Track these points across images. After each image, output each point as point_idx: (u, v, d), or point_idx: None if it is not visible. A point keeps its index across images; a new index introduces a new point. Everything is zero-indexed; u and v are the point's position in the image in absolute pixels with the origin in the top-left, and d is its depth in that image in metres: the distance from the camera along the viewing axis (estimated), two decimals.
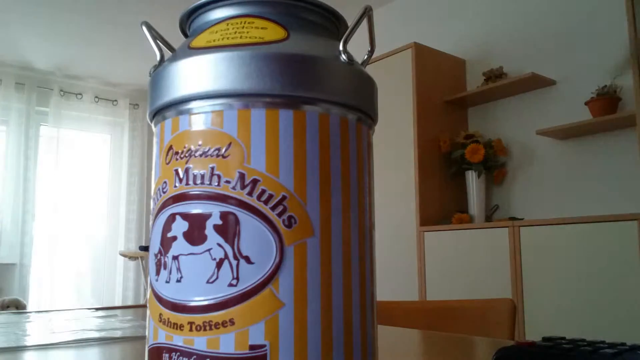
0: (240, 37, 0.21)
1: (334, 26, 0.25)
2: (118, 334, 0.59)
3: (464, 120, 2.93)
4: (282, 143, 0.20)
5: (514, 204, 2.73)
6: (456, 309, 0.93)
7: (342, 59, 0.22)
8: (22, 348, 0.52)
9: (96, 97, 4.25)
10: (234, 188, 0.20)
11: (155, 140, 0.23)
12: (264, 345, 0.19)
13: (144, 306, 1.16)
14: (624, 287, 1.91)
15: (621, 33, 2.07)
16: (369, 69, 2.63)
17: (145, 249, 3.91)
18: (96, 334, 0.58)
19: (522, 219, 2.39)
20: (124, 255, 4.10)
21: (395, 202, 2.67)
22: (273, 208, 0.20)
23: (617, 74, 2.08)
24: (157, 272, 0.22)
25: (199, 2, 0.24)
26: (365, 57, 0.25)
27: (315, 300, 0.20)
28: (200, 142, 0.21)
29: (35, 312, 0.89)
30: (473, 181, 2.67)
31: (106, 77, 4.16)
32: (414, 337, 0.67)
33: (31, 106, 3.97)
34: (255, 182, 0.20)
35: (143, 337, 0.58)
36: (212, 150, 0.20)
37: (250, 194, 0.20)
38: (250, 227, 0.20)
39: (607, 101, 2.12)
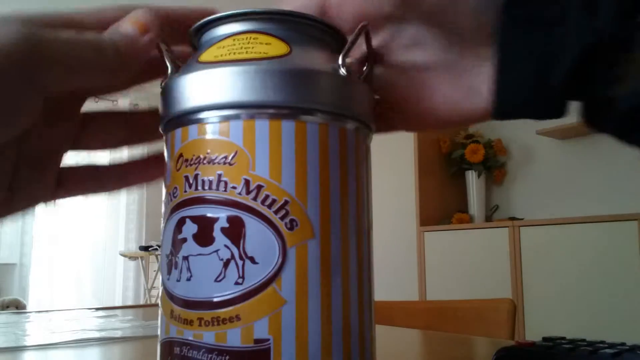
0: (246, 53, 0.23)
1: (334, 40, 0.26)
2: (118, 334, 0.59)
3: None
4: (284, 151, 0.22)
5: (514, 204, 2.74)
6: (456, 309, 0.93)
7: (341, 72, 0.24)
8: (21, 348, 0.52)
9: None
10: (240, 193, 0.21)
11: (165, 148, 0.25)
12: (268, 340, 0.21)
13: (144, 306, 1.16)
14: (624, 287, 1.91)
15: None
16: None
17: (145, 249, 3.91)
18: (96, 334, 0.58)
19: (522, 219, 2.39)
20: (124, 255, 4.10)
21: (395, 202, 2.67)
22: (276, 212, 0.21)
23: None
24: (169, 272, 0.23)
25: (205, 18, 0.25)
26: (365, 70, 0.27)
27: (315, 298, 0.21)
28: (208, 150, 0.22)
29: (35, 312, 0.90)
30: (473, 181, 2.67)
31: None
32: (414, 337, 0.67)
33: None
34: (259, 187, 0.21)
35: (143, 337, 0.58)
36: (219, 157, 0.22)
37: (255, 198, 0.21)
38: (255, 229, 0.21)
39: None
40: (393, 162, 2.68)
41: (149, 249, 3.86)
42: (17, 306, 3.17)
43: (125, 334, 0.59)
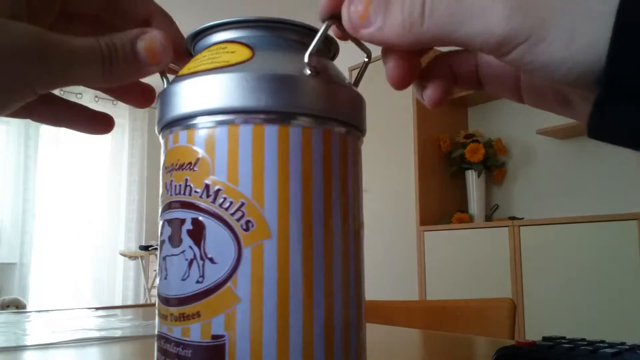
0: (211, 63, 0.24)
1: (310, 40, 0.26)
2: (118, 333, 0.59)
3: (464, 119, 2.93)
4: (241, 155, 0.23)
5: (514, 204, 2.74)
6: (456, 309, 0.93)
7: (306, 72, 0.24)
8: (22, 347, 0.52)
9: (96, 96, 4.24)
10: (201, 197, 0.23)
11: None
12: (224, 336, 0.22)
13: (144, 306, 1.16)
14: (624, 286, 1.91)
15: None
16: (370, 69, 2.62)
17: (145, 248, 3.91)
18: (96, 334, 0.58)
19: (522, 219, 2.39)
20: (124, 255, 4.10)
21: (395, 201, 2.67)
22: (233, 214, 0.22)
23: None
24: (159, 272, 0.25)
25: (188, 34, 0.27)
26: (361, 69, 0.28)
27: (271, 297, 0.22)
28: (179, 158, 0.24)
29: (35, 311, 0.90)
30: (473, 181, 2.67)
31: None
32: (414, 336, 0.67)
33: None
34: (218, 191, 0.23)
35: (143, 337, 0.58)
36: (185, 164, 0.24)
37: (213, 201, 0.23)
38: (213, 231, 0.23)
39: None
40: (393, 161, 2.68)
41: (149, 249, 3.86)
42: (17, 306, 3.18)
43: (125, 334, 0.59)
